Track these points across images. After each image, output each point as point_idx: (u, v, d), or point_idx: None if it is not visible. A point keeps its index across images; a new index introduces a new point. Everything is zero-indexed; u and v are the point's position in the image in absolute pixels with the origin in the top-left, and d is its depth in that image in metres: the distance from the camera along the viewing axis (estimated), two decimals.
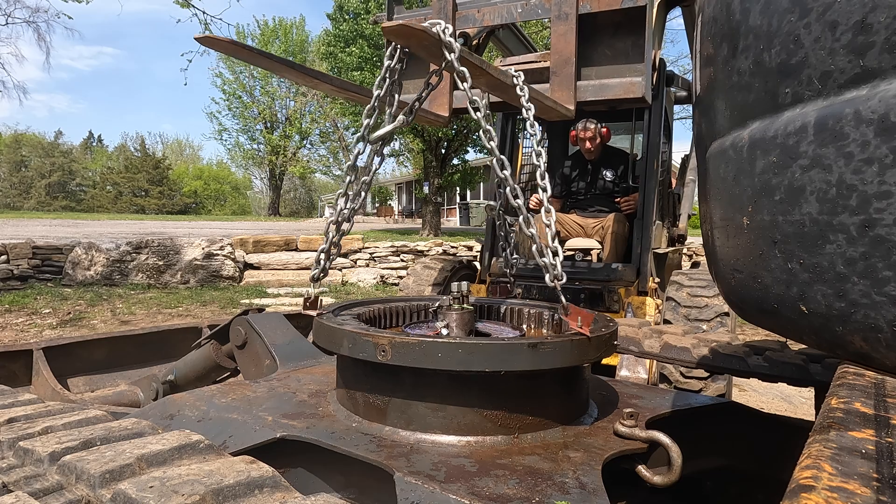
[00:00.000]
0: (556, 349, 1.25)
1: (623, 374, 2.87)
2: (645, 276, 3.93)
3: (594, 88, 2.26)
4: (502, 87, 1.67)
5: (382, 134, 1.59)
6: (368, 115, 1.56)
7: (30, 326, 6.63)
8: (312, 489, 1.26)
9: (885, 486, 0.51)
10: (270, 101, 38.83)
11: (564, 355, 1.26)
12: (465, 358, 1.20)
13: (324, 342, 1.42)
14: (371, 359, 1.27)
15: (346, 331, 1.33)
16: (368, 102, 1.57)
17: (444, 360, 1.20)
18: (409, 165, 33.26)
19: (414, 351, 1.22)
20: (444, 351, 1.21)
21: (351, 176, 1.58)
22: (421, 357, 1.22)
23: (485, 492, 1.01)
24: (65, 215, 28.39)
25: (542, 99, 1.96)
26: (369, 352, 1.27)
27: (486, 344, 1.21)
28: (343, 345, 1.33)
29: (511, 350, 1.21)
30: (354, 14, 15.37)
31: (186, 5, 10.38)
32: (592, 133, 4.50)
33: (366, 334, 1.29)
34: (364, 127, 1.55)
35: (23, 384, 2.60)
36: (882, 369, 0.91)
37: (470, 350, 1.20)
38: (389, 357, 1.24)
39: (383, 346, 1.25)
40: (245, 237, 10.93)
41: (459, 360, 1.20)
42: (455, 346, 1.21)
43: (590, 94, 2.26)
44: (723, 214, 1.16)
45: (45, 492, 0.82)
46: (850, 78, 0.83)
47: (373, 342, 1.26)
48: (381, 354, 1.25)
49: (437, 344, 1.22)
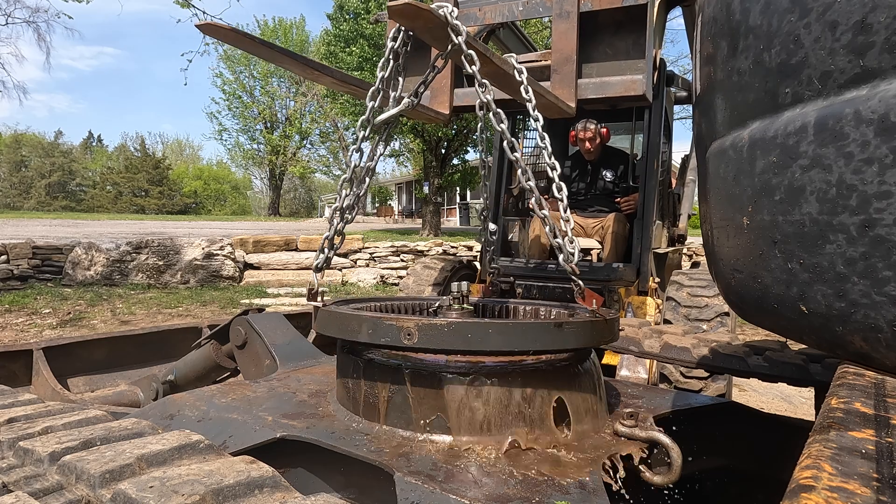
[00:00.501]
0: (579, 329, 1.28)
1: (623, 374, 2.87)
2: (645, 276, 3.93)
3: (595, 86, 2.26)
4: (505, 80, 1.65)
5: (386, 117, 1.56)
6: (372, 97, 1.51)
7: (30, 326, 6.63)
8: (312, 489, 1.26)
9: (885, 486, 0.51)
10: (270, 101, 38.84)
11: (586, 335, 1.30)
12: (495, 338, 1.18)
13: (335, 331, 1.36)
14: (395, 343, 1.22)
15: (366, 316, 1.28)
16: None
17: (475, 342, 1.18)
18: (409, 165, 33.26)
19: (442, 333, 1.19)
20: (473, 332, 1.18)
21: (355, 160, 1.53)
22: (450, 339, 1.19)
23: (485, 492, 1.01)
24: (65, 215, 28.39)
25: (543, 94, 1.96)
26: (393, 336, 1.22)
27: (515, 324, 1.22)
28: (362, 331, 1.27)
29: (539, 329, 1.22)
30: (354, 14, 15.38)
31: (186, 5, 10.37)
32: (592, 133, 4.50)
33: (388, 318, 1.24)
34: (368, 110, 1.51)
35: (23, 384, 2.60)
36: (882, 369, 0.91)
37: (500, 330, 1.20)
38: (416, 340, 1.20)
39: (409, 329, 1.20)
40: (245, 237, 10.93)
41: (489, 340, 1.18)
42: (485, 327, 1.19)
43: (591, 91, 2.26)
44: (723, 214, 1.16)
45: (45, 492, 0.82)
46: (850, 78, 0.83)
47: (397, 326, 1.22)
48: (406, 338, 1.20)
49: (466, 325, 1.19)
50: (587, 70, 2.29)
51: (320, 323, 1.42)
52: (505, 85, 1.70)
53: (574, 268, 1.43)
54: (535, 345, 1.22)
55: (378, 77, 1.52)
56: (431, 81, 1.70)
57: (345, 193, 1.53)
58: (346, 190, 1.53)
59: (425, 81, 1.66)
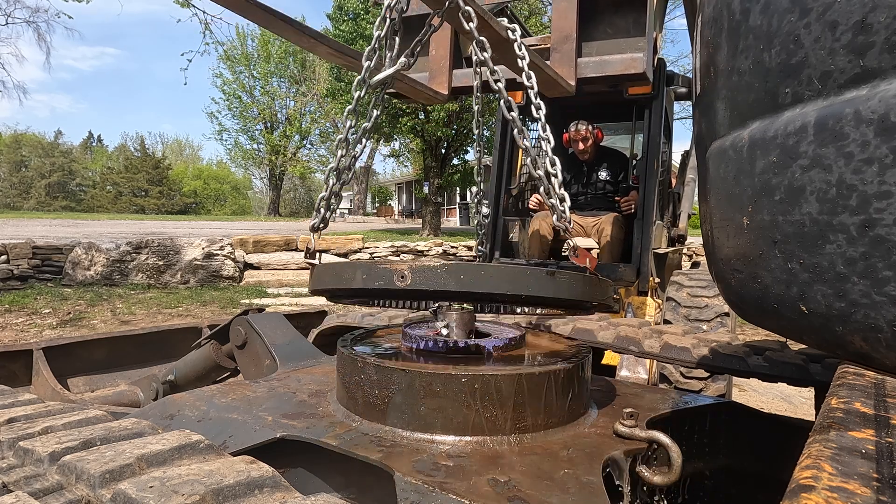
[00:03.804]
0: (571, 280, 1.29)
1: (623, 374, 2.86)
2: (645, 276, 3.93)
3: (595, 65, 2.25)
4: (502, 47, 1.63)
5: (383, 77, 1.53)
6: (369, 57, 1.49)
7: (30, 326, 6.63)
8: (312, 489, 1.26)
9: (885, 486, 0.51)
10: (270, 101, 38.85)
11: (577, 288, 1.30)
12: (488, 280, 1.20)
13: (330, 281, 1.34)
14: (389, 286, 1.22)
15: (360, 263, 1.28)
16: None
17: (468, 283, 1.19)
18: (409, 165, 33.27)
19: (435, 274, 1.19)
20: (466, 273, 1.20)
21: (351, 121, 1.51)
22: (444, 280, 1.19)
23: (485, 492, 1.01)
24: (65, 215, 28.38)
25: (543, 67, 1.94)
26: (387, 279, 1.22)
27: (509, 268, 1.23)
28: (356, 277, 1.27)
29: (532, 275, 1.24)
30: (354, 14, 15.38)
31: (186, 5, 10.37)
32: (584, 133, 4.50)
33: (382, 262, 1.25)
34: (364, 69, 1.49)
35: (23, 384, 2.60)
36: (882, 369, 0.91)
37: (494, 273, 1.21)
38: (409, 282, 1.20)
39: (402, 271, 1.21)
40: (245, 237, 10.93)
41: (482, 282, 1.19)
42: (479, 269, 1.21)
43: (590, 70, 2.25)
44: (723, 214, 1.16)
45: (45, 492, 0.82)
46: (850, 78, 0.83)
47: (391, 268, 1.22)
48: (399, 280, 1.21)
49: (460, 266, 1.21)
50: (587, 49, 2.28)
51: (315, 279, 1.41)
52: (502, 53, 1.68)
53: (567, 226, 1.45)
54: (528, 290, 1.22)
55: (374, 36, 1.50)
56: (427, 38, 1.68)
57: (340, 154, 1.51)
58: (341, 150, 1.51)
59: (421, 40, 1.65)
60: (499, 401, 1.25)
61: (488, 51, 1.48)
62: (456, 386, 1.25)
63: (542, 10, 17.12)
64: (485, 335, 1.61)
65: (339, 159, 1.51)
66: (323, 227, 1.53)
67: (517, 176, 5.23)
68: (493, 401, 1.25)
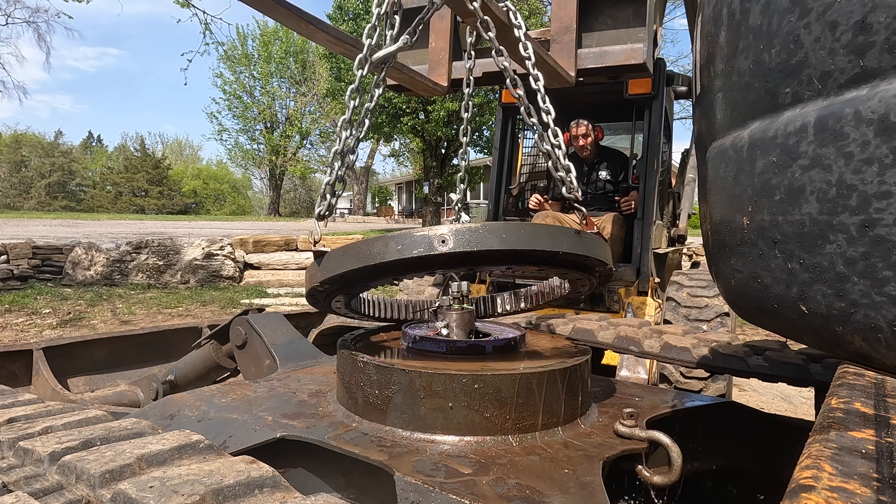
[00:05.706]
0: (592, 239, 1.40)
1: (623, 374, 2.86)
2: (645, 275, 3.93)
3: (595, 55, 2.25)
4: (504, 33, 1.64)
5: (384, 55, 1.53)
6: (369, 35, 1.48)
7: (30, 326, 6.63)
8: (312, 489, 1.26)
9: (885, 486, 0.51)
10: (270, 102, 38.86)
11: (598, 247, 1.42)
12: (528, 237, 1.26)
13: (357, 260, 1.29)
14: (429, 252, 1.21)
15: (391, 234, 1.27)
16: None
17: (510, 241, 1.24)
18: (409, 165, 33.26)
19: (478, 234, 1.22)
20: (507, 231, 1.24)
21: (354, 101, 1.48)
22: (486, 239, 1.22)
23: (485, 492, 1.01)
24: (65, 215, 28.39)
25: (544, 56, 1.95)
26: (427, 245, 1.21)
27: (541, 226, 1.32)
28: (388, 249, 1.24)
29: (563, 233, 1.34)
30: (354, 14, 15.39)
31: (187, 5, 10.38)
32: (585, 130, 4.50)
33: (419, 229, 1.25)
34: (365, 48, 1.48)
35: (23, 384, 2.60)
36: (882, 369, 0.91)
37: (532, 230, 1.28)
38: (451, 245, 1.20)
39: (443, 235, 1.21)
40: (245, 237, 10.93)
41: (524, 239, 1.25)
42: (518, 227, 1.26)
43: (590, 61, 2.25)
44: (723, 214, 1.16)
45: (45, 492, 0.82)
46: (850, 78, 0.83)
47: (429, 234, 1.22)
48: (440, 244, 1.21)
49: (501, 225, 1.25)
50: (587, 40, 2.28)
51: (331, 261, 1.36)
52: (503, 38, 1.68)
53: (577, 196, 1.55)
54: (563, 247, 1.30)
55: (374, 14, 1.49)
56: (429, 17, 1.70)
57: (345, 136, 1.48)
58: (345, 132, 1.48)
59: (423, 19, 1.66)
60: (499, 401, 1.25)
61: (493, 30, 1.50)
62: (456, 386, 1.25)
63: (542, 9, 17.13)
64: (485, 335, 1.61)
65: (343, 141, 1.48)
66: (329, 214, 1.50)
67: (517, 176, 5.23)
68: (494, 401, 1.25)
